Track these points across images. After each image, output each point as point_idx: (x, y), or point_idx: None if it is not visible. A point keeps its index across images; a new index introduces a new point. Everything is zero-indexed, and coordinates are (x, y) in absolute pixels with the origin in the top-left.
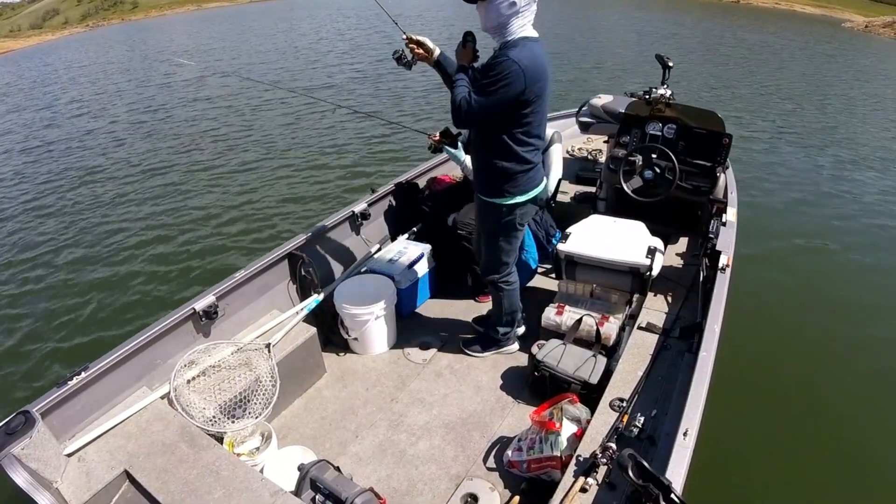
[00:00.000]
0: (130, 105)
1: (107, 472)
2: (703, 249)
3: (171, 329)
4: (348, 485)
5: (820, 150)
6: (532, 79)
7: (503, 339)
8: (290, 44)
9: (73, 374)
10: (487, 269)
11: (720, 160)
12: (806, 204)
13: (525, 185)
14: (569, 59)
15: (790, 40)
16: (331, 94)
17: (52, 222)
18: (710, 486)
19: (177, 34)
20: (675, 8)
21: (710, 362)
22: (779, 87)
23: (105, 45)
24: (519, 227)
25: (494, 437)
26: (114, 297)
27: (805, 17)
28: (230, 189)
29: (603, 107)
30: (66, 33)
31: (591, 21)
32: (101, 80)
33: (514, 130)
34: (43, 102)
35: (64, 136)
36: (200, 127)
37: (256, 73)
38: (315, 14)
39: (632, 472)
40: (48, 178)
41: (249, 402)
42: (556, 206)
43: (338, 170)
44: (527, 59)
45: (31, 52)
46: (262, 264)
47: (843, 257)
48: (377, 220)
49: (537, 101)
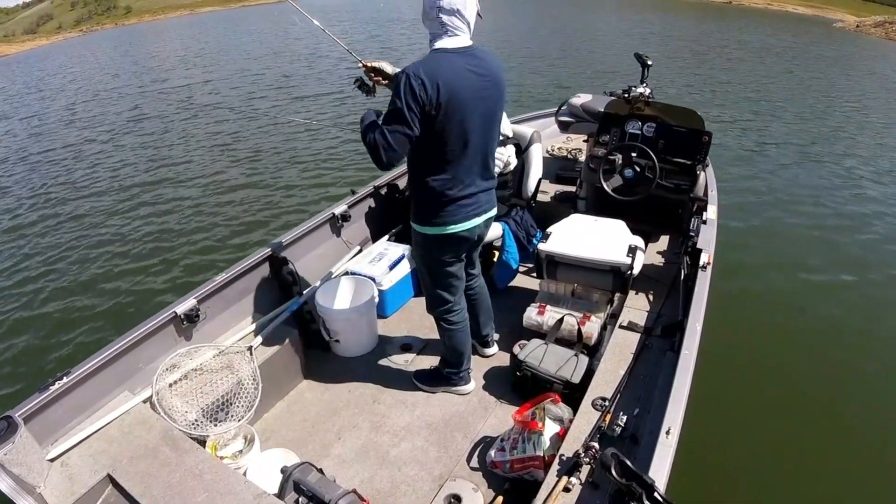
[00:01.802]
0: (116, 112)
1: (90, 477)
2: (684, 248)
3: (153, 333)
4: (331, 487)
5: (800, 147)
6: (433, 94)
7: (453, 377)
8: (284, 47)
9: (55, 379)
10: (426, 302)
11: (700, 158)
12: (786, 201)
13: (438, 217)
14: (555, 59)
15: (782, 40)
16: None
17: (32, 228)
18: (693, 484)
19: (170, 39)
20: (666, 9)
21: (691, 360)
22: (764, 87)
23: (98, 50)
24: (438, 262)
25: (477, 437)
26: (94, 301)
27: (797, 18)
28: (211, 193)
29: (582, 106)
30: (60, 38)
31: (582, 22)
32: (90, 87)
33: (421, 154)
34: (32, 110)
35: (44, 146)
36: (184, 132)
37: (247, 79)
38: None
39: (615, 471)
40: (28, 184)
41: (232, 405)
42: (536, 205)
43: (316, 173)
44: (424, 71)
45: (26, 57)
46: (242, 267)
47: (825, 254)
48: (357, 222)
49: (441, 118)
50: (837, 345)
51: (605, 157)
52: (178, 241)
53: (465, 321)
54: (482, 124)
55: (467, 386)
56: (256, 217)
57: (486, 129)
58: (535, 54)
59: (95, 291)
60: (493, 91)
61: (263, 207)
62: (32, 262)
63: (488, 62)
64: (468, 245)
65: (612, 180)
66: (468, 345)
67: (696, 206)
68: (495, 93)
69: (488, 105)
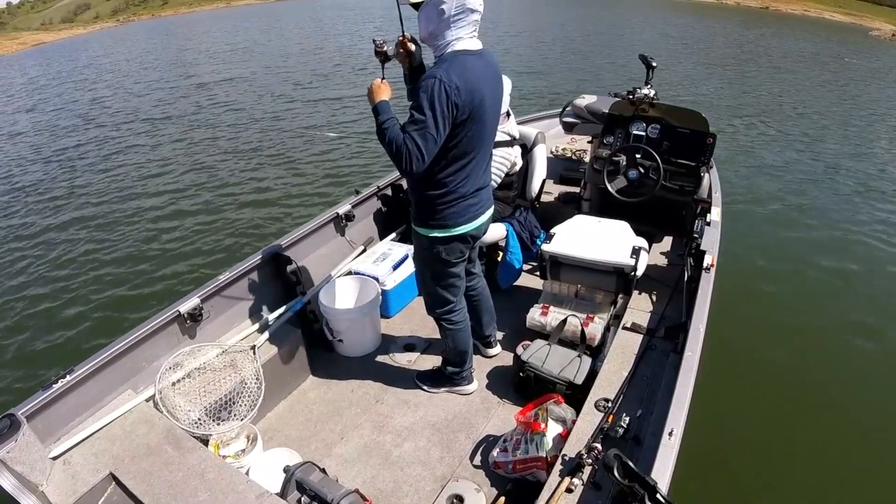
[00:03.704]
0: (135, 109)
1: (92, 475)
2: (688, 249)
3: (156, 331)
4: (334, 486)
5: (811, 151)
6: (468, 99)
7: (455, 377)
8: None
9: (58, 377)
10: (426, 303)
11: (704, 160)
12: (791, 204)
13: (447, 218)
14: (590, 60)
15: (818, 46)
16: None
17: (34, 227)
18: (695, 485)
19: (205, 32)
20: (704, 13)
21: (695, 362)
22: (786, 91)
23: (135, 41)
24: (444, 263)
25: (480, 437)
26: (98, 299)
27: (834, 25)
28: (217, 191)
29: (587, 107)
30: (97, 28)
31: (618, 24)
32: (122, 80)
33: (439, 156)
34: (53, 104)
35: (60, 144)
36: (201, 129)
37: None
38: (343, 13)
39: (617, 473)
40: (37, 181)
41: (235, 404)
42: (540, 206)
43: (323, 172)
44: (457, 77)
45: (61, 46)
46: (246, 266)
47: (829, 256)
48: (362, 222)
49: (468, 122)
50: (842, 347)
51: (609, 159)
52: (182, 240)
53: (466, 321)
54: (493, 123)
55: (470, 386)
56: (261, 216)
57: (494, 128)
58: (568, 52)
59: (99, 289)
60: (500, 91)
61: (268, 207)
62: (36, 259)
63: (494, 60)
64: (473, 243)
65: (616, 181)
66: (470, 344)
67: (699, 208)
68: (501, 91)
69: (497, 105)
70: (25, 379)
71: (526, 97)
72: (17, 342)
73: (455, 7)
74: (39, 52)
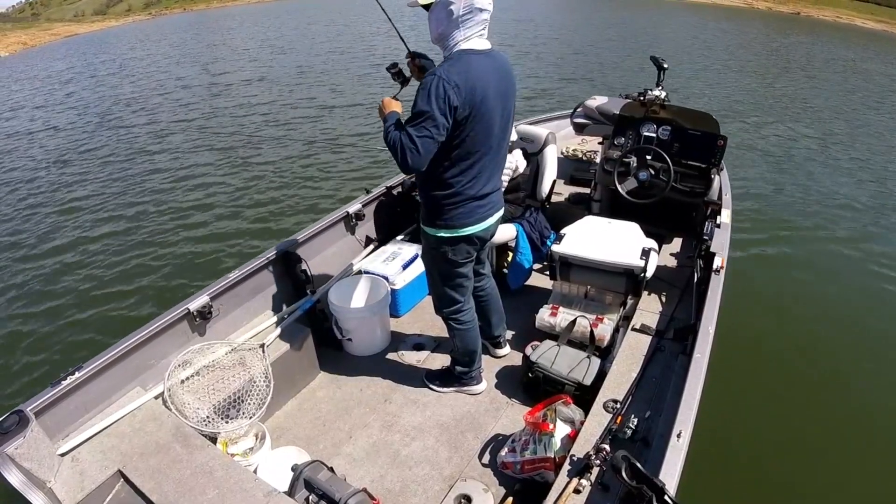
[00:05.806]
0: (155, 108)
1: (100, 472)
2: (698, 251)
3: (166, 329)
4: (342, 485)
5: (826, 151)
6: (468, 98)
7: (464, 377)
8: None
9: (66, 374)
10: (435, 303)
11: (715, 162)
12: (801, 205)
13: (454, 219)
14: (619, 62)
15: (849, 51)
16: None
17: (46, 221)
18: (703, 487)
19: (235, 28)
20: (735, 18)
21: (703, 364)
22: (810, 96)
23: (162, 37)
24: (451, 263)
25: (488, 437)
26: (108, 297)
27: (865, 33)
28: (228, 188)
29: (598, 108)
30: (129, 20)
31: (649, 27)
32: (147, 77)
33: (443, 156)
34: (73, 100)
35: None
36: (215, 124)
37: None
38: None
39: (625, 474)
40: (47, 176)
41: (243, 402)
42: (550, 207)
43: (337, 170)
44: (457, 75)
45: (92, 38)
46: (256, 264)
47: (839, 259)
48: (371, 221)
49: (470, 121)
50: (854, 350)
51: (619, 160)
52: (191, 237)
53: (474, 321)
54: (502, 124)
55: (479, 386)
56: (271, 213)
57: (504, 129)
58: (601, 59)
59: (109, 287)
60: (510, 91)
61: (278, 204)
62: (44, 257)
63: (505, 61)
64: (481, 245)
65: (626, 183)
66: (478, 344)
67: (710, 210)
68: (511, 92)
69: (507, 105)
70: (34, 375)
71: (546, 95)
72: (27, 339)
73: (463, 7)
74: (71, 43)
